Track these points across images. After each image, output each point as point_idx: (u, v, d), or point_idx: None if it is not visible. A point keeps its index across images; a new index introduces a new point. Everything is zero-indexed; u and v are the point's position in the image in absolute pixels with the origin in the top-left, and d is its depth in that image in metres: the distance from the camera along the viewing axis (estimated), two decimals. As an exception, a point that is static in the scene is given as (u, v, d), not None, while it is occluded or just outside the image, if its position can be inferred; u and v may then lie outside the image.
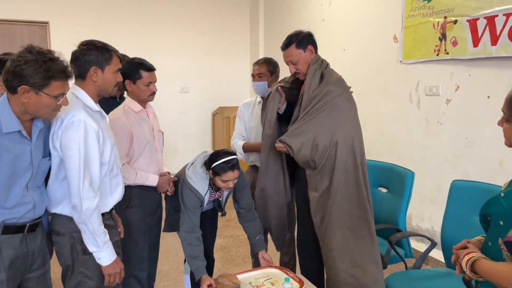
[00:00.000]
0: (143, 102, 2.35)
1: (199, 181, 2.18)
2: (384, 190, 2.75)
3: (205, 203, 2.27)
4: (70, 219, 1.72)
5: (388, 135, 3.95)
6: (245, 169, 3.01)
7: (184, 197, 2.19)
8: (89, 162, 1.68)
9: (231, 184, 2.15)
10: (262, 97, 2.85)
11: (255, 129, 2.85)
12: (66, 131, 1.64)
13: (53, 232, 1.79)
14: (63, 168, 1.69)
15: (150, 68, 2.29)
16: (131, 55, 2.58)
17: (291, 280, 2.02)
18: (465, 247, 1.35)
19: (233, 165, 2.13)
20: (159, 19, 5.92)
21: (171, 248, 3.69)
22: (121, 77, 1.88)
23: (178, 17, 6.03)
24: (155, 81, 2.33)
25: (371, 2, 4.10)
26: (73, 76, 1.66)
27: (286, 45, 2.27)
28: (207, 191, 2.22)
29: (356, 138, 2.20)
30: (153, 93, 2.33)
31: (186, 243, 2.17)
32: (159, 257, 2.62)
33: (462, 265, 1.29)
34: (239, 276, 2.13)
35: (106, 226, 1.78)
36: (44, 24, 5.41)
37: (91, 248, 1.70)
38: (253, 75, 2.85)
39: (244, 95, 5.68)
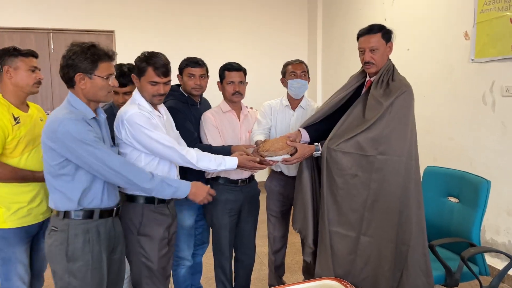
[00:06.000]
0: (231, 101, 2.50)
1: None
2: (454, 200, 2.52)
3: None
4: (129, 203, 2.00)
5: (457, 140, 3.66)
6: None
7: None
8: (158, 135, 1.95)
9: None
10: (290, 100, 2.71)
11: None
12: (130, 125, 1.92)
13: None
14: (135, 152, 1.98)
15: (229, 68, 2.46)
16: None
17: (350, 294, 1.89)
18: None
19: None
20: (218, 23, 5.99)
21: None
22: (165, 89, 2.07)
23: (237, 21, 6.07)
24: (239, 81, 2.46)
25: (438, -3, 3.84)
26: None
27: (374, 30, 2.17)
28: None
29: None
30: (235, 92, 2.46)
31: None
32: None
33: None
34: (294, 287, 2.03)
35: (160, 214, 2.03)
36: (110, 33, 5.68)
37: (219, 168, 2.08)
38: (294, 73, 2.61)
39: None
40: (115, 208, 1.85)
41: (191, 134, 2.38)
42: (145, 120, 1.96)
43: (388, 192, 2.07)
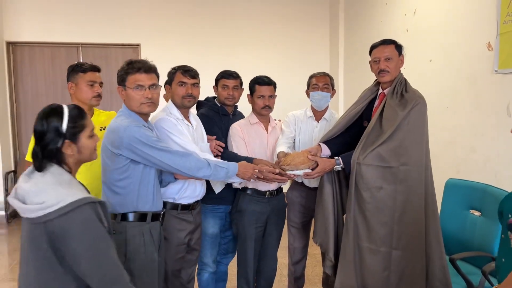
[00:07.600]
0: (260, 115, 2.57)
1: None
2: (476, 213, 2.49)
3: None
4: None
5: (481, 152, 3.60)
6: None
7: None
8: (181, 140, 2.09)
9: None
10: (314, 111, 2.73)
11: (304, 147, 2.63)
12: (157, 130, 2.10)
13: None
14: None
15: (260, 82, 2.52)
16: (213, 72, 2.72)
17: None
18: None
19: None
20: (241, 35, 6.11)
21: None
22: (183, 91, 2.21)
23: (258, 33, 6.17)
24: (269, 95, 2.52)
25: (460, 8, 3.81)
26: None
27: (388, 42, 2.26)
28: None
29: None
30: (265, 106, 2.51)
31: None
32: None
33: None
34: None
35: (182, 220, 2.15)
36: (136, 46, 5.86)
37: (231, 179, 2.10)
38: (316, 85, 2.65)
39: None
40: (162, 213, 1.98)
41: (218, 139, 2.50)
42: (171, 125, 2.11)
43: (414, 203, 2.07)
